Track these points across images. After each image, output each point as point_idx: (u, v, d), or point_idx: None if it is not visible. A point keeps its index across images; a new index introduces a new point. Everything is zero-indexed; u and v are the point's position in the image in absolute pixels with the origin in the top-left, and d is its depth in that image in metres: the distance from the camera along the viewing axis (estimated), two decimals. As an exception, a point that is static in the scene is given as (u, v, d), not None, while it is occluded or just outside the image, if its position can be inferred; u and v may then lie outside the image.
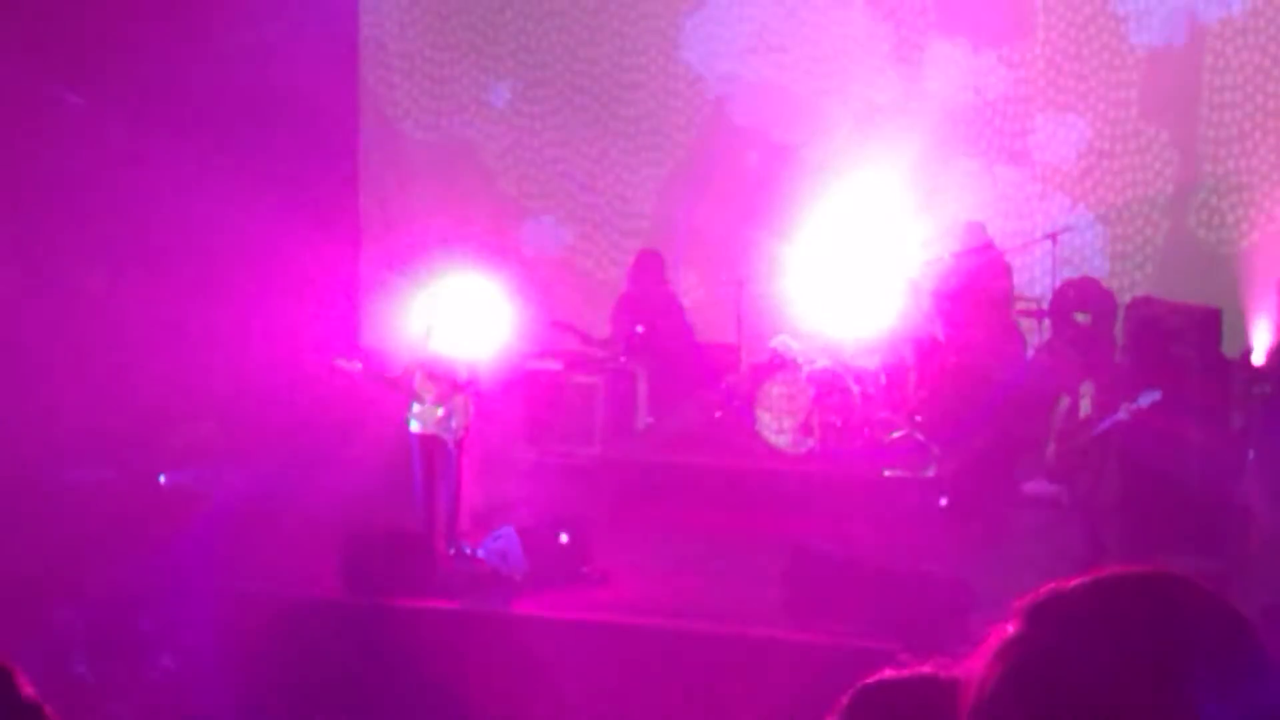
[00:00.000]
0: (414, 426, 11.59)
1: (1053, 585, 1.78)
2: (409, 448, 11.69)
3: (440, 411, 11.48)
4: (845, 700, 2.30)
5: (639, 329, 14.59)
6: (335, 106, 16.03)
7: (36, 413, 12.87)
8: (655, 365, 14.66)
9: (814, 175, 15.61)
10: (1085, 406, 11.05)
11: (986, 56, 15.45)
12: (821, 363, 13.47)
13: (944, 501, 12.49)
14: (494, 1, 16.60)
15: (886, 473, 12.95)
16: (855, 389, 13.39)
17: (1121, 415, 10.86)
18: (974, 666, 1.76)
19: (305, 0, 15.29)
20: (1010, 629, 1.75)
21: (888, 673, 2.34)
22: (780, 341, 13.77)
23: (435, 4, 16.65)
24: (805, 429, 13.20)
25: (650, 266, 15.09)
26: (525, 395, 14.24)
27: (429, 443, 11.55)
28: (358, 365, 11.66)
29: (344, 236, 16.37)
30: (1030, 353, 14.72)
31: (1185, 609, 1.73)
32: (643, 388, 14.56)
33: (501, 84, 16.61)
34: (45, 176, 13.16)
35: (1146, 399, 10.80)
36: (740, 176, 16.02)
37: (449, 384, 11.50)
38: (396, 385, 11.54)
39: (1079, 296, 14.42)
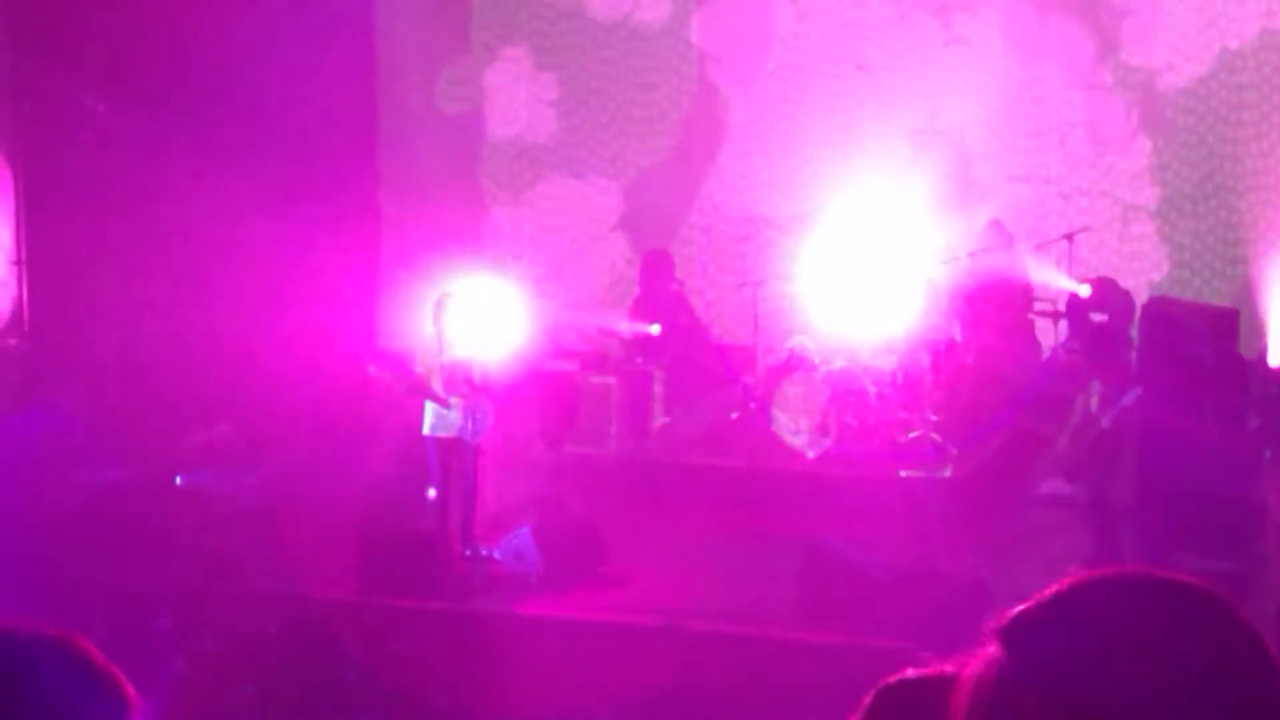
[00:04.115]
0: (431, 429, 11.59)
1: (1024, 603, 1.71)
2: (426, 450, 11.69)
3: (458, 414, 11.49)
4: (866, 700, 2.30)
5: (654, 328, 14.59)
6: (354, 108, 16.04)
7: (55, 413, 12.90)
8: (671, 366, 14.66)
9: (831, 174, 15.60)
10: (1093, 404, 11.06)
11: (1004, 59, 15.43)
12: (838, 363, 13.46)
13: None
14: (508, 3, 16.61)
15: (903, 473, 12.94)
16: (872, 389, 13.38)
17: (1105, 423, 10.89)
18: (960, 693, 1.71)
19: (322, 3, 15.30)
20: (988, 652, 1.69)
21: (909, 672, 2.33)
22: (797, 342, 13.77)
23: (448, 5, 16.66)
24: (822, 429, 13.20)
25: (659, 266, 15.08)
26: (541, 395, 14.24)
27: (446, 445, 11.56)
28: (389, 375, 11.63)
29: (363, 238, 16.39)
30: (1046, 353, 14.70)
31: (1159, 616, 1.65)
32: (658, 388, 14.56)
33: (518, 85, 16.62)
34: (64, 179, 13.20)
35: (1129, 397, 10.81)
36: (755, 176, 16.02)
37: (467, 385, 11.50)
38: (419, 389, 11.54)
39: (1096, 297, 14.40)
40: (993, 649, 1.69)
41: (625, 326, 14.82)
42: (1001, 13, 15.38)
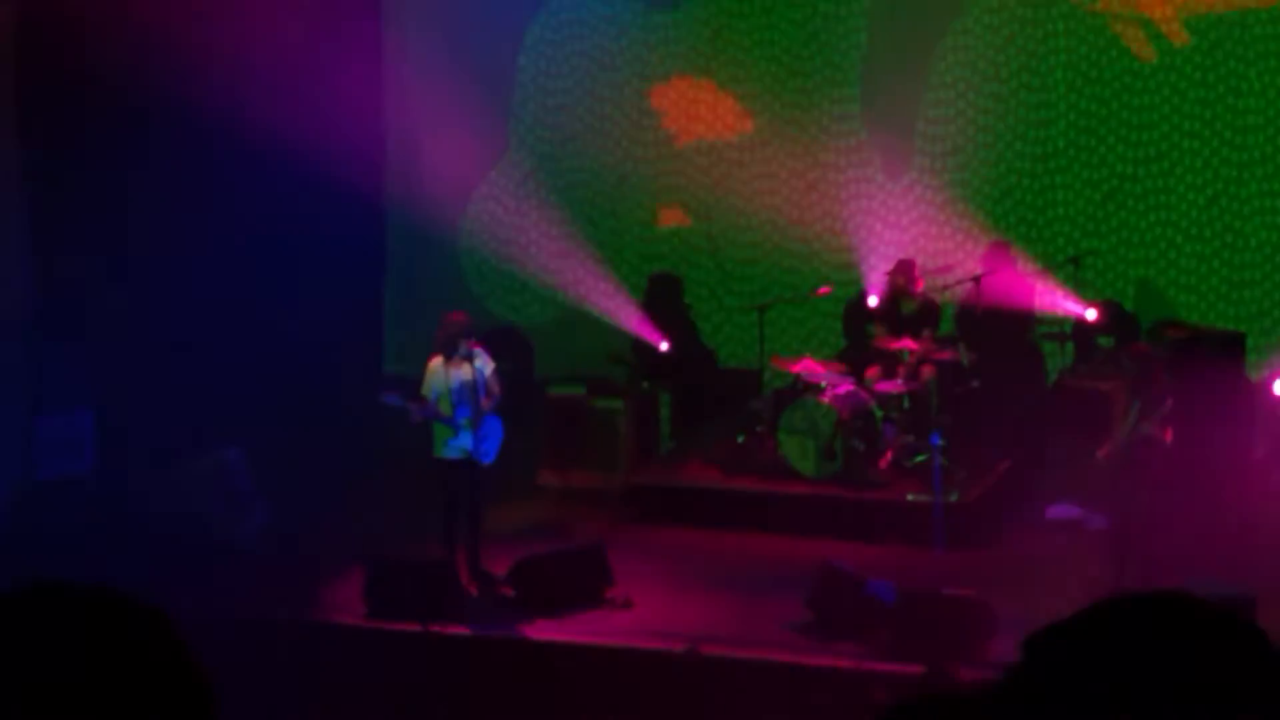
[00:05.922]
0: (442, 453, 11.56)
1: (1052, 620, 1.70)
2: (435, 474, 11.66)
3: (467, 436, 11.47)
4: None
5: (664, 347, 14.60)
6: (361, 130, 16.08)
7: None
8: (679, 390, 14.65)
9: (836, 199, 15.62)
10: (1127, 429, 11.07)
11: (1006, 81, 15.46)
12: (844, 386, 13.45)
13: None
14: (513, 31, 16.65)
15: (910, 496, 12.92)
16: (878, 412, 13.37)
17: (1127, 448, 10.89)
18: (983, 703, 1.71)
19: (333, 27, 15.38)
20: (1012, 665, 1.69)
21: (917, 696, 2.33)
22: (804, 365, 13.76)
23: (455, 55, 16.68)
24: (828, 453, 13.18)
25: (665, 289, 15.09)
26: (548, 419, 14.24)
27: (455, 468, 11.54)
28: (399, 402, 11.57)
29: (369, 260, 16.42)
30: (1053, 376, 14.69)
31: (1184, 637, 1.65)
32: (666, 412, 14.56)
33: (523, 109, 16.64)
34: (76, 202, 13.23)
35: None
36: (761, 200, 16.03)
37: (476, 408, 11.49)
38: (428, 413, 11.51)
39: (1101, 320, 14.39)
40: (1016, 667, 1.68)
41: (634, 329, 14.85)
42: (1006, 36, 15.42)
